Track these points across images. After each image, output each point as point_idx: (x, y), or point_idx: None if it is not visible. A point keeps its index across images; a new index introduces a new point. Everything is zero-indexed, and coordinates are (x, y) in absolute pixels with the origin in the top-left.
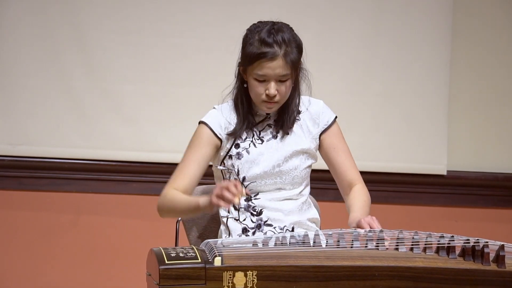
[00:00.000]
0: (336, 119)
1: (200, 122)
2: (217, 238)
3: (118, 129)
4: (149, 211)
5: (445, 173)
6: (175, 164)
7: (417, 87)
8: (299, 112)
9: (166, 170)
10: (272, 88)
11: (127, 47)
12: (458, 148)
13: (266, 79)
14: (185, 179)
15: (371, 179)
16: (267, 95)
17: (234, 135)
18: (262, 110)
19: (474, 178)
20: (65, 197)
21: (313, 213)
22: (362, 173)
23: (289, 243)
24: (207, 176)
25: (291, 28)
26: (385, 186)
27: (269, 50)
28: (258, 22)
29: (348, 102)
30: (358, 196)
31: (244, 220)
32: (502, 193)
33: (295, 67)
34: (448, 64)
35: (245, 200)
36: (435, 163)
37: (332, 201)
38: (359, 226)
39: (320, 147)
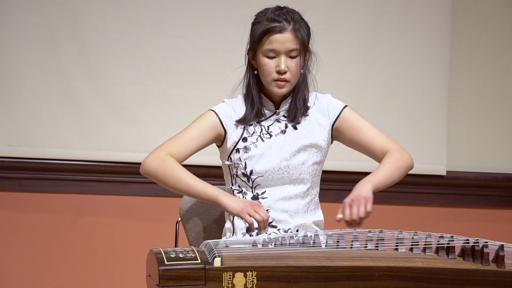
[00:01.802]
0: (345, 108)
1: (209, 110)
2: (217, 238)
3: (118, 130)
4: (149, 212)
5: (444, 173)
6: None
7: (417, 88)
8: (307, 108)
9: None
10: (283, 62)
11: (127, 48)
12: (458, 148)
13: (276, 55)
14: (182, 150)
15: None
16: (278, 72)
17: (243, 121)
18: (274, 92)
19: (473, 179)
20: (65, 198)
21: (318, 215)
22: (361, 173)
23: (289, 243)
24: (202, 176)
25: (298, 12)
26: None
27: (277, 24)
28: (265, 8)
29: (347, 102)
30: (383, 160)
31: None
32: (502, 193)
33: (304, 45)
34: (447, 65)
35: (252, 198)
36: (434, 164)
37: (332, 202)
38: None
39: (339, 136)
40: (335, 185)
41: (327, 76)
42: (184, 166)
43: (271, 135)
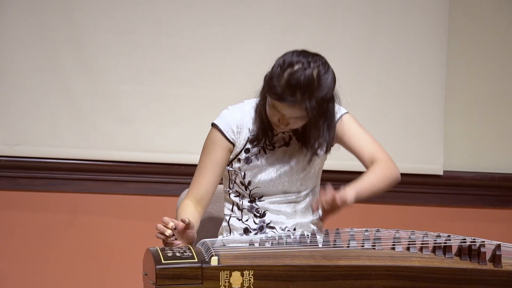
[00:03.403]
0: (345, 114)
1: (212, 125)
2: (213, 238)
3: (115, 129)
4: (146, 211)
5: (441, 173)
6: (172, 165)
7: (414, 87)
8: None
9: (162, 170)
10: (284, 123)
11: (124, 47)
12: (455, 148)
13: (281, 113)
14: (201, 187)
15: None
16: (279, 121)
17: (257, 141)
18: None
19: (470, 178)
20: (61, 197)
21: (317, 214)
22: (358, 173)
23: (286, 242)
24: None
25: (326, 68)
26: None
27: (290, 98)
28: (298, 52)
29: (344, 102)
30: (369, 169)
31: (247, 220)
32: (499, 193)
33: (315, 111)
34: (444, 64)
35: (248, 202)
36: (431, 163)
37: None
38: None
39: (338, 140)
40: (332, 185)
41: None
42: (182, 165)
43: (274, 147)
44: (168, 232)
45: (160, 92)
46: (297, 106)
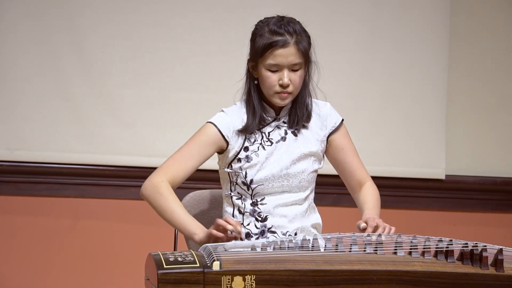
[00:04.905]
0: (343, 121)
1: (208, 122)
2: None
3: (116, 133)
4: (148, 216)
5: (443, 177)
6: None
7: (415, 91)
8: (309, 116)
9: None
10: (286, 76)
11: (125, 52)
12: (456, 152)
13: (279, 69)
14: (181, 173)
15: None
16: (280, 85)
17: (246, 131)
18: (276, 103)
19: (472, 183)
20: (63, 202)
21: (316, 217)
22: None
23: (288, 247)
24: (201, 180)
25: (299, 21)
26: (383, 191)
27: (280, 38)
28: (265, 18)
29: (346, 106)
30: (370, 194)
31: (248, 225)
32: (501, 197)
33: (307, 56)
34: (446, 68)
35: (251, 205)
36: (433, 167)
37: (331, 206)
38: (366, 222)
39: (327, 149)
40: (334, 190)
41: (326, 79)
42: None
43: (272, 142)
44: (230, 227)
45: (162, 96)
46: (291, 45)
